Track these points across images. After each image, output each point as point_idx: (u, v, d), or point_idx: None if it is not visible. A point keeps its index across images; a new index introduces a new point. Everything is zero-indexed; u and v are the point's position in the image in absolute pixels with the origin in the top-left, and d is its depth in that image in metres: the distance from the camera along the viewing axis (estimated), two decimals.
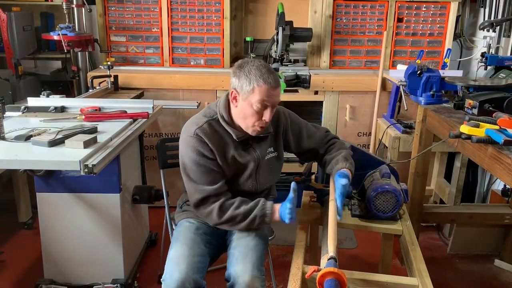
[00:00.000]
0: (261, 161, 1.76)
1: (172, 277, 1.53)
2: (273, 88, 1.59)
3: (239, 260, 1.60)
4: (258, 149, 1.76)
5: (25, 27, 3.19)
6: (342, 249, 2.71)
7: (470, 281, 2.51)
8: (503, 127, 1.66)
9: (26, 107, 2.33)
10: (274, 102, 1.62)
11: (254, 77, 1.58)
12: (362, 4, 3.38)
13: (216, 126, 1.69)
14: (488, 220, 2.65)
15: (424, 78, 2.43)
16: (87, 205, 2.07)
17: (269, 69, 1.62)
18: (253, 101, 1.59)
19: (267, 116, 1.62)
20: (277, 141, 1.83)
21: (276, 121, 1.81)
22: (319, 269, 1.29)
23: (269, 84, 1.58)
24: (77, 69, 3.40)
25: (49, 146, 1.77)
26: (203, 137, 1.65)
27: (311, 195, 2.04)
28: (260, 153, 1.76)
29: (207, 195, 1.66)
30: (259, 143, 1.77)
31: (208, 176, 1.66)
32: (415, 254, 1.67)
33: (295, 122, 1.87)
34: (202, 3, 3.33)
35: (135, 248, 2.41)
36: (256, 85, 1.57)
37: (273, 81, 1.59)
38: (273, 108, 1.64)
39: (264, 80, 1.57)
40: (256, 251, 1.65)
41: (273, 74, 1.61)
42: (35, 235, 2.58)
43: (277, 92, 1.62)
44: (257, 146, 1.76)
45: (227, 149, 1.70)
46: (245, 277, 1.55)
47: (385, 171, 1.92)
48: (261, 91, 1.58)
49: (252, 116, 1.62)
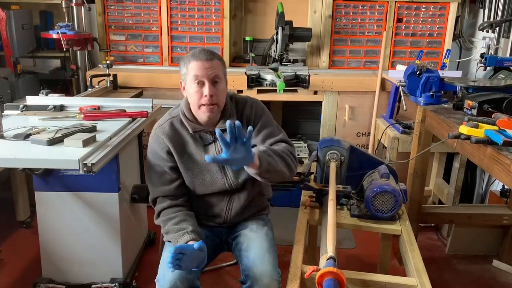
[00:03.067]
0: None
1: (165, 277, 1.53)
2: (203, 61, 1.55)
3: (256, 262, 1.59)
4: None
5: (24, 26, 3.18)
6: (341, 249, 2.71)
7: (469, 282, 2.51)
8: (502, 128, 1.66)
9: (25, 105, 2.33)
10: (209, 76, 1.55)
11: (186, 59, 1.59)
12: (362, 4, 3.38)
13: (177, 124, 1.67)
14: (487, 221, 2.65)
15: (424, 78, 2.43)
16: (86, 204, 2.06)
17: (203, 48, 1.60)
18: (189, 81, 1.57)
19: (206, 91, 1.55)
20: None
21: (241, 111, 1.71)
22: (318, 269, 1.29)
23: (198, 59, 1.55)
24: (76, 68, 3.40)
25: (48, 145, 1.77)
26: (161, 136, 1.65)
27: (310, 195, 2.05)
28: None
29: (156, 195, 1.68)
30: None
31: (160, 177, 1.67)
32: (413, 254, 1.67)
33: (259, 118, 1.71)
34: (201, 2, 3.33)
35: (133, 247, 2.40)
36: (188, 64, 1.57)
37: (204, 55, 1.55)
38: (213, 83, 1.56)
39: (194, 56, 1.56)
40: (271, 252, 1.65)
41: (206, 50, 1.58)
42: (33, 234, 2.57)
43: (210, 64, 1.55)
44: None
45: (186, 147, 1.66)
46: (265, 280, 1.54)
47: (384, 171, 1.92)
48: (192, 68, 1.56)
49: (196, 95, 1.57)
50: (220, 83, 1.58)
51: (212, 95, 1.56)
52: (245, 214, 1.77)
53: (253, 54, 3.41)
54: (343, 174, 2.03)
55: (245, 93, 3.09)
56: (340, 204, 1.95)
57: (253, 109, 1.71)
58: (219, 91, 1.58)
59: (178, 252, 1.39)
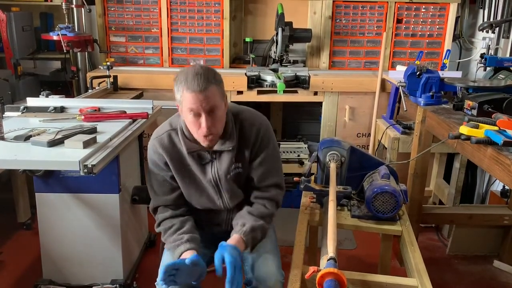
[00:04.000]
0: (221, 180, 1.59)
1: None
2: (197, 93, 1.38)
3: (261, 264, 1.59)
4: (218, 166, 1.58)
5: (25, 27, 3.19)
6: (342, 249, 2.71)
7: (469, 282, 2.51)
8: (502, 128, 1.67)
9: (25, 107, 2.33)
10: (205, 108, 1.41)
11: (180, 83, 1.42)
12: (362, 5, 3.38)
13: (176, 137, 1.58)
14: (487, 221, 2.65)
15: (424, 79, 2.43)
16: (86, 205, 2.06)
17: (197, 72, 1.40)
18: (185, 110, 1.45)
19: (203, 124, 1.43)
20: (242, 154, 1.59)
21: (244, 134, 1.58)
22: (319, 270, 1.29)
23: (191, 90, 1.39)
24: (77, 70, 3.41)
25: (49, 146, 1.77)
26: (159, 148, 1.58)
27: (310, 196, 2.05)
28: (219, 171, 1.58)
29: (157, 205, 1.65)
30: (220, 158, 1.57)
31: (161, 186, 1.64)
32: (414, 254, 1.67)
33: (262, 149, 1.59)
34: (201, 4, 3.33)
35: (134, 248, 2.40)
36: (182, 93, 1.42)
37: (197, 85, 1.38)
38: (210, 113, 1.42)
39: (188, 85, 1.39)
40: (275, 254, 1.66)
41: (200, 76, 1.39)
42: (34, 235, 2.57)
43: (205, 95, 1.39)
44: (218, 162, 1.58)
45: (184, 162, 1.58)
46: (270, 281, 1.55)
47: (384, 172, 1.92)
48: (186, 98, 1.41)
49: (193, 125, 1.47)
50: (218, 111, 1.45)
51: (210, 126, 1.45)
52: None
53: (253, 55, 3.41)
54: (344, 175, 2.03)
55: (245, 94, 3.09)
56: (341, 204, 1.95)
57: (259, 137, 1.58)
58: (217, 120, 1.47)
59: (171, 268, 1.38)
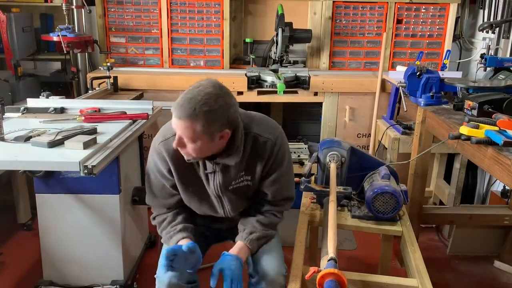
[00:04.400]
0: (222, 192, 1.58)
1: (163, 273, 1.54)
2: (176, 118, 1.35)
3: (264, 258, 1.61)
4: (221, 178, 1.55)
5: (25, 28, 3.19)
6: (342, 250, 2.71)
7: (470, 282, 2.51)
8: (502, 128, 1.66)
9: (25, 108, 2.33)
10: (179, 134, 1.38)
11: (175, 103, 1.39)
12: (362, 6, 3.38)
13: None
14: (488, 221, 2.65)
15: (424, 79, 2.43)
16: (87, 206, 2.06)
17: (195, 97, 1.33)
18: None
19: (183, 151, 1.42)
20: (253, 168, 1.56)
21: (254, 150, 1.53)
22: (319, 270, 1.29)
23: (175, 114, 1.35)
24: (77, 70, 3.41)
25: (49, 147, 1.77)
26: (164, 153, 1.53)
27: (310, 196, 2.05)
28: (221, 182, 1.56)
29: (158, 212, 1.66)
30: (224, 170, 1.54)
31: (160, 191, 1.63)
32: (414, 255, 1.67)
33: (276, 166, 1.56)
34: (201, 5, 3.33)
35: (134, 249, 2.40)
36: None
37: (179, 111, 1.34)
38: (191, 142, 1.37)
39: (175, 107, 1.36)
40: (278, 247, 1.67)
41: (192, 105, 1.32)
42: (34, 236, 2.57)
43: (181, 124, 1.34)
44: (221, 173, 1.55)
45: (188, 169, 1.55)
46: (273, 274, 1.56)
47: (384, 172, 1.92)
48: (174, 121, 1.38)
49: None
50: (200, 142, 1.38)
51: (189, 153, 1.42)
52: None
53: (253, 56, 3.42)
54: (344, 175, 2.03)
55: (245, 95, 3.09)
56: (341, 205, 1.95)
57: (273, 153, 1.54)
58: (198, 149, 1.40)
59: (171, 254, 1.42)
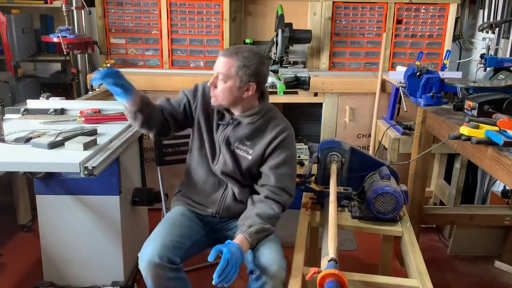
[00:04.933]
0: (224, 145, 1.74)
1: (146, 251, 1.58)
2: (219, 55, 1.65)
3: (265, 252, 1.61)
4: (230, 133, 1.74)
5: (25, 30, 3.19)
6: (342, 250, 2.71)
7: (470, 283, 2.51)
8: (502, 129, 1.66)
9: (25, 109, 2.33)
10: (216, 71, 1.65)
11: None
12: (361, 6, 3.38)
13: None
14: (488, 222, 2.65)
15: (424, 79, 2.43)
16: (87, 207, 2.06)
17: (241, 47, 1.66)
18: None
19: (209, 83, 1.68)
20: (257, 143, 1.72)
21: (266, 129, 1.72)
22: (320, 271, 1.29)
23: (219, 54, 1.66)
24: (77, 71, 3.40)
25: (49, 148, 1.77)
26: (199, 89, 1.79)
27: (311, 197, 2.04)
28: (228, 136, 1.74)
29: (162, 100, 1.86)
30: (235, 128, 1.74)
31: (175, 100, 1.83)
32: (415, 255, 1.67)
33: (281, 152, 1.70)
34: (201, 5, 3.33)
35: (134, 250, 2.39)
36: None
37: (223, 51, 1.65)
38: (217, 78, 1.64)
39: (220, 52, 1.67)
40: (276, 242, 1.68)
41: (236, 49, 1.65)
42: (34, 238, 2.57)
43: (221, 60, 1.63)
44: (232, 129, 1.74)
45: (208, 113, 1.77)
46: (274, 268, 1.56)
47: (385, 172, 1.92)
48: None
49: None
50: (224, 78, 1.63)
51: (213, 83, 1.66)
52: (238, 209, 1.77)
53: None
54: (344, 176, 2.03)
55: None
56: (341, 205, 1.95)
57: (279, 137, 1.70)
58: (228, 89, 1.64)
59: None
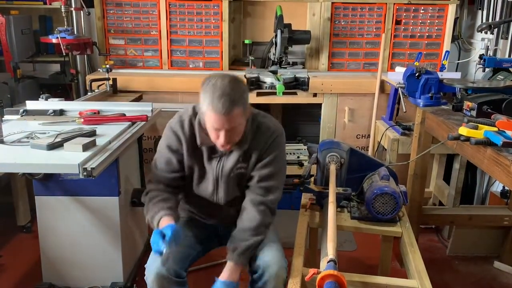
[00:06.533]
0: (222, 177, 1.67)
1: (153, 263, 1.57)
2: (222, 115, 1.45)
3: (265, 252, 1.62)
4: (225, 163, 1.66)
5: (24, 30, 3.19)
6: (342, 251, 2.71)
7: (470, 283, 2.51)
8: (501, 129, 1.67)
9: (25, 110, 2.33)
10: (226, 128, 1.49)
11: (207, 99, 1.47)
12: (360, 7, 3.38)
13: (197, 125, 1.65)
14: (487, 222, 2.65)
15: (423, 80, 2.44)
16: (86, 208, 2.06)
17: (224, 91, 1.45)
18: (207, 123, 1.53)
19: (221, 140, 1.53)
20: (250, 156, 1.66)
21: (258, 138, 1.65)
22: (319, 272, 1.29)
23: (217, 111, 1.45)
24: (76, 72, 3.40)
25: (48, 150, 1.77)
26: (179, 132, 1.65)
27: (310, 198, 2.05)
28: (224, 168, 1.66)
29: (153, 179, 1.71)
30: (229, 156, 1.66)
31: (165, 165, 1.68)
32: (414, 256, 1.67)
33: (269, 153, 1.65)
34: (200, 6, 3.33)
35: (134, 251, 2.40)
36: (207, 110, 1.48)
37: (223, 107, 1.44)
38: (229, 132, 1.51)
39: (213, 106, 1.45)
40: (277, 242, 1.68)
41: (226, 97, 1.44)
42: (33, 239, 2.56)
43: (228, 118, 1.46)
44: (226, 159, 1.66)
45: (197, 150, 1.66)
46: (275, 267, 1.57)
47: (384, 173, 1.92)
48: (211, 117, 1.48)
49: (213, 134, 1.55)
50: (238, 128, 1.54)
51: (229, 141, 1.54)
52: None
53: (252, 57, 3.41)
54: (343, 176, 2.04)
55: None
56: (341, 206, 1.95)
57: (269, 141, 1.64)
58: (235, 135, 1.56)
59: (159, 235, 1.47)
